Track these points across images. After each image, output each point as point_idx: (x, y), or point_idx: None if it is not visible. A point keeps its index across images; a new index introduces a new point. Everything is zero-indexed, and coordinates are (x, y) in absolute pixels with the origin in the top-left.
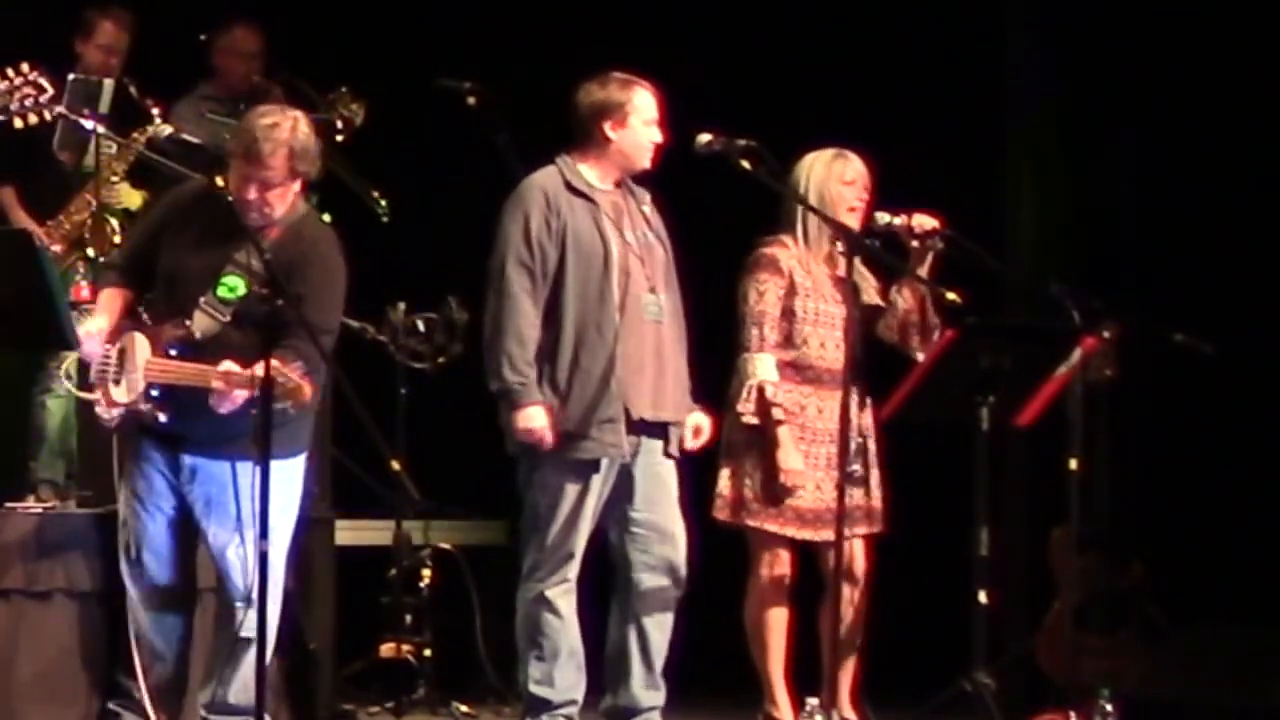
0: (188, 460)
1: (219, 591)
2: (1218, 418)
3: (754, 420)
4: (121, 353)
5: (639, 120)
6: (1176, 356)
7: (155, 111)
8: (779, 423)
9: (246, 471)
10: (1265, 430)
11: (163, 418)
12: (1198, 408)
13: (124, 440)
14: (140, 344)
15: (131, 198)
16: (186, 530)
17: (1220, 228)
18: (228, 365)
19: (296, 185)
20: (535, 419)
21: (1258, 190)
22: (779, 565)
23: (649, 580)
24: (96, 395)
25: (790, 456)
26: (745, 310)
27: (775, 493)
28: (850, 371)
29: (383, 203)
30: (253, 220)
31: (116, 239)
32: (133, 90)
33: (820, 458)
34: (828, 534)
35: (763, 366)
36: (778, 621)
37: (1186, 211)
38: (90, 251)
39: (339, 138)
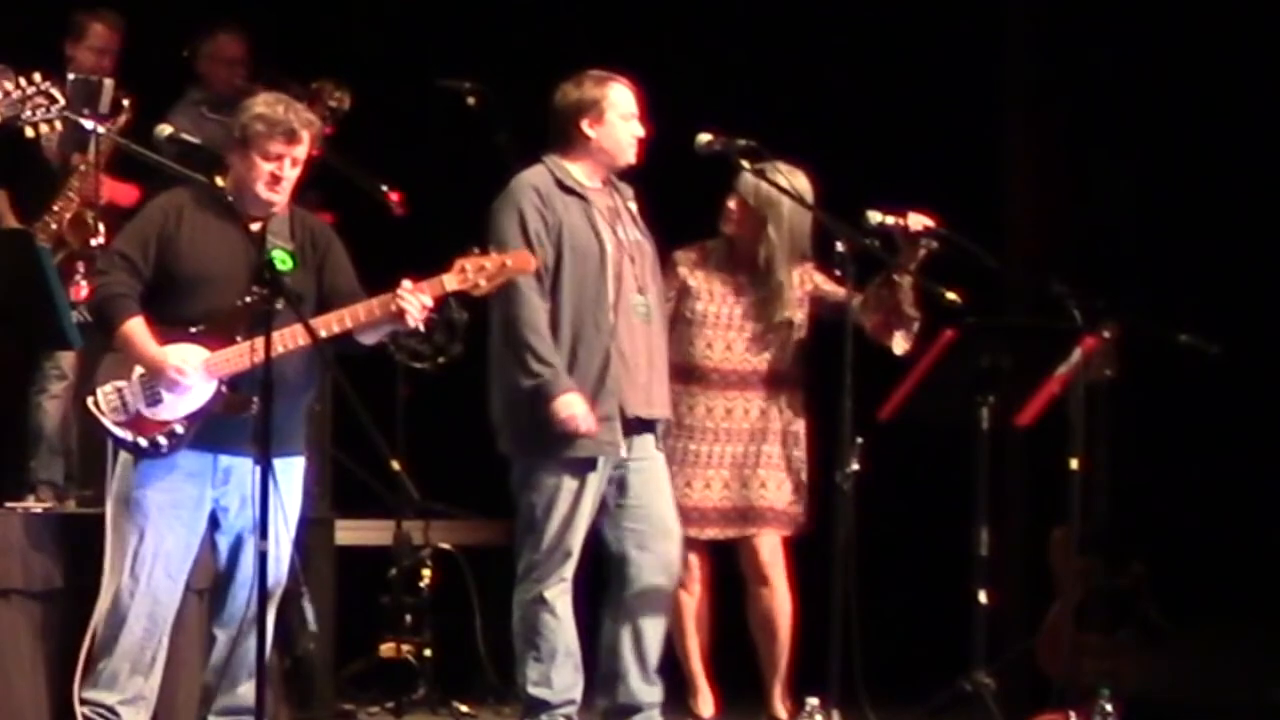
0: (224, 461)
1: (225, 593)
2: (1218, 418)
3: None
4: (142, 375)
5: (616, 115)
6: (1176, 356)
7: (125, 104)
8: None
9: (281, 469)
10: (1265, 430)
11: (255, 401)
12: (1198, 408)
13: (135, 456)
14: (179, 353)
15: (116, 191)
16: (196, 539)
17: (1220, 228)
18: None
19: None
20: (573, 405)
21: (1258, 190)
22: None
23: (646, 577)
24: (128, 434)
25: None
26: None
27: None
28: (768, 375)
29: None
30: (276, 196)
31: (100, 236)
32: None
33: (714, 456)
34: (731, 532)
35: None
36: (687, 615)
37: (1187, 211)
38: (76, 246)
39: (327, 130)
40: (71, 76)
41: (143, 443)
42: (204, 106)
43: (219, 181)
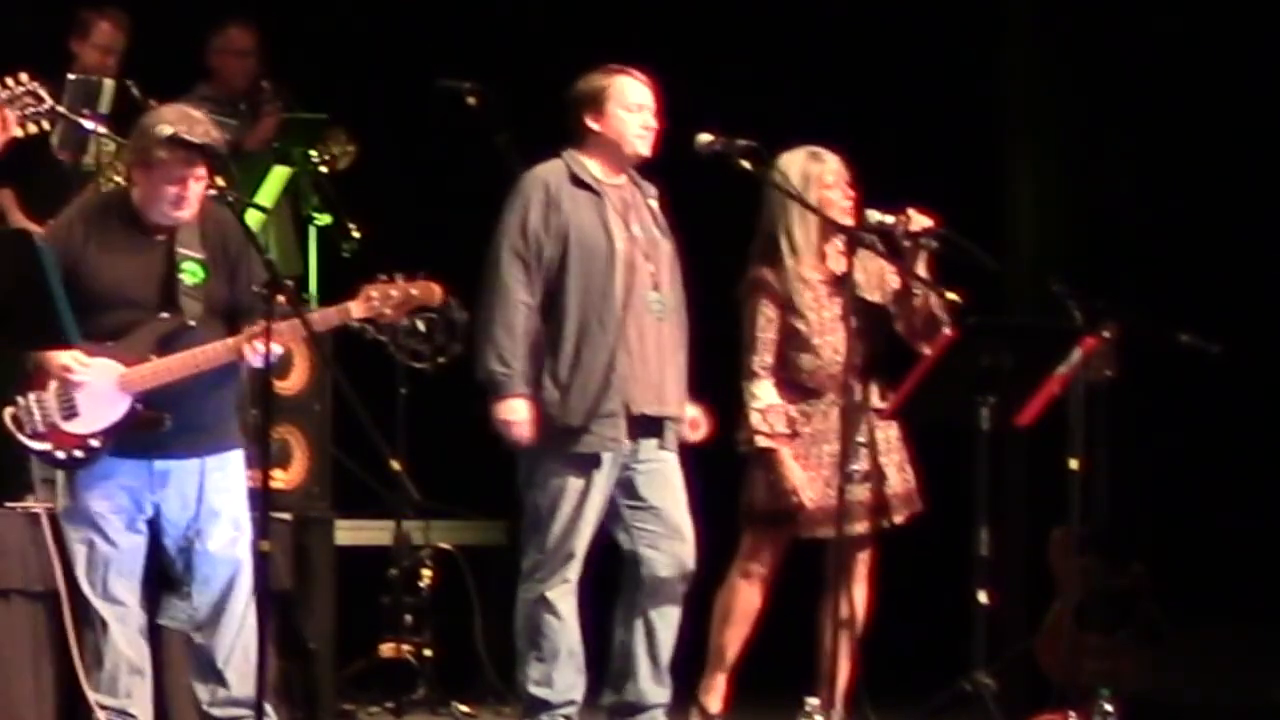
0: (159, 465)
1: (187, 594)
2: (1218, 418)
3: (750, 446)
4: (59, 387)
5: (618, 107)
6: (1176, 356)
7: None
8: (770, 450)
9: (215, 466)
10: (1265, 430)
11: (168, 421)
12: (1198, 408)
13: (55, 468)
14: (97, 368)
15: None
16: (143, 541)
17: (1220, 228)
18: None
19: None
20: (517, 411)
21: (1258, 190)
22: (760, 563)
23: (659, 576)
24: (45, 445)
25: (794, 475)
26: (744, 336)
27: (781, 510)
28: (854, 368)
29: (355, 234)
30: (182, 213)
31: None
32: (135, 90)
33: (826, 457)
34: (883, 523)
35: (758, 393)
36: (744, 615)
37: (1187, 211)
38: None
39: (324, 169)
40: (71, 76)
41: (60, 455)
42: (208, 106)
43: (220, 182)
